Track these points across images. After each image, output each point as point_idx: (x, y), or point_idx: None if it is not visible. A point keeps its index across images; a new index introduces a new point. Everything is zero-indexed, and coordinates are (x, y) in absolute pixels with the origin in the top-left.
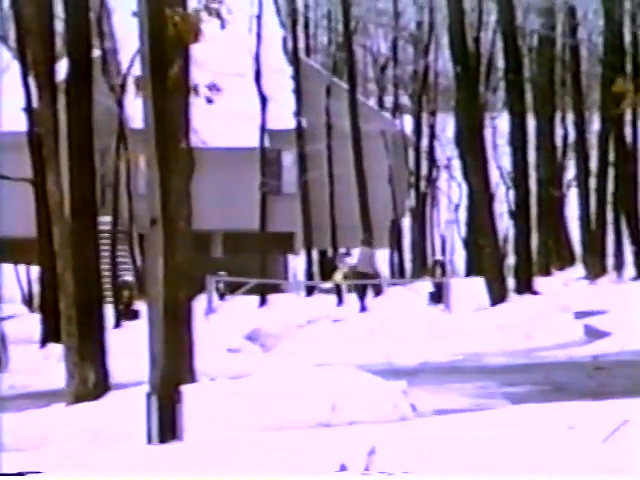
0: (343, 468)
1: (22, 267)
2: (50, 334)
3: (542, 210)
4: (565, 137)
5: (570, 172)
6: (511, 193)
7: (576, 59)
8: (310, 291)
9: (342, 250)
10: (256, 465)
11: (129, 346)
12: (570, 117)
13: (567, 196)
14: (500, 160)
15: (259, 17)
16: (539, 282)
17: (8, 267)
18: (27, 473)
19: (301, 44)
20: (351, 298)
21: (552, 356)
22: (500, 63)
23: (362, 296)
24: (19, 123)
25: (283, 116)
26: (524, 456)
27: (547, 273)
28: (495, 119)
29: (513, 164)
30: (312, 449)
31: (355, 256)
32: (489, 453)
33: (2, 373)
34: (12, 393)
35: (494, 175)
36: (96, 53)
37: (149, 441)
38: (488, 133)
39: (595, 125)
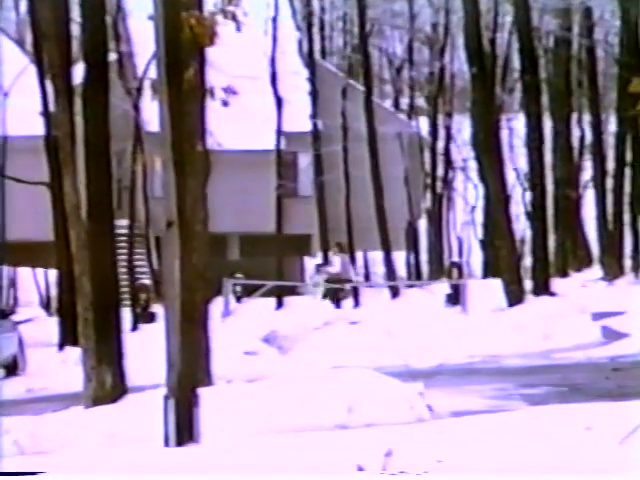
0: (360, 469)
1: (40, 270)
2: (68, 337)
3: (559, 211)
4: (582, 138)
5: (587, 173)
6: (528, 194)
7: (592, 60)
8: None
9: (319, 261)
10: (273, 467)
11: (146, 349)
12: (587, 118)
13: (584, 197)
14: (516, 161)
15: (275, 19)
16: (556, 283)
17: (26, 270)
18: (27, 473)
19: (317, 46)
20: (367, 300)
21: (570, 357)
22: (516, 64)
23: (338, 300)
24: (36, 127)
25: (299, 118)
26: (541, 457)
27: (564, 274)
28: (511, 120)
29: (529, 165)
30: (329, 451)
31: (336, 264)
32: (506, 454)
33: (20, 376)
34: (30, 396)
35: (510, 176)
36: (112, 56)
37: (166, 444)
38: (504, 134)
39: (612, 126)
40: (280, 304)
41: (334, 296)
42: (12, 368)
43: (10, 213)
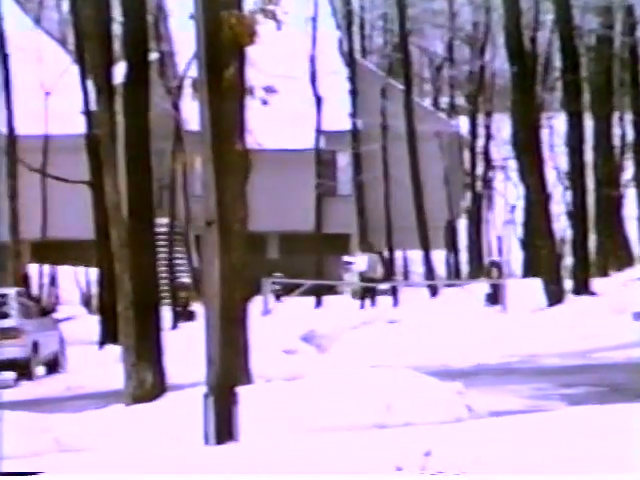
0: (399, 469)
1: (81, 269)
2: (108, 335)
3: (600, 210)
4: (623, 137)
5: (628, 172)
6: (568, 194)
7: (634, 58)
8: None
9: (345, 259)
10: (312, 466)
11: (186, 347)
12: (628, 117)
13: (625, 196)
14: (557, 160)
15: (314, 19)
16: (596, 283)
17: (67, 269)
18: (27, 473)
19: (357, 45)
20: (406, 299)
21: (609, 357)
22: (557, 63)
23: (372, 297)
24: (77, 126)
25: (338, 117)
26: (580, 457)
27: (605, 274)
28: (552, 119)
29: (570, 164)
30: (368, 450)
31: (362, 262)
32: (545, 454)
33: (61, 374)
34: (71, 394)
35: (551, 175)
36: (153, 56)
37: (206, 442)
38: (545, 133)
39: None
40: (319, 303)
41: (363, 294)
42: (53, 366)
43: (51, 212)
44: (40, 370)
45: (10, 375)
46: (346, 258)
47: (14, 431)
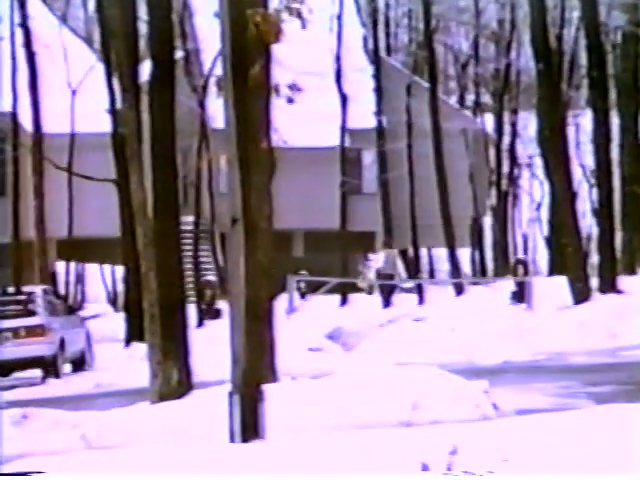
0: (425, 467)
1: (107, 267)
2: (134, 333)
3: (626, 208)
4: None
5: None
6: (594, 191)
7: None
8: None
9: (368, 257)
10: (338, 464)
11: (212, 345)
12: None
13: None
14: (583, 158)
15: (340, 17)
16: (623, 281)
17: (93, 267)
18: (28, 473)
19: (382, 43)
20: (431, 297)
21: (637, 355)
22: (583, 60)
23: (388, 295)
24: (103, 124)
25: (364, 115)
26: (608, 456)
27: (632, 272)
28: (578, 117)
29: (596, 162)
30: (394, 448)
31: (380, 259)
32: (573, 453)
33: (88, 371)
34: (97, 391)
35: (577, 173)
36: (179, 54)
37: (232, 440)
38: (571, 131)
39: None
40: (344, 301)
41: (382, 291)
42: (80, 363)
43: (78, 210)
44: (67, 368)
45: (37, 373)
46: (370, 256)
47: (41, 428)
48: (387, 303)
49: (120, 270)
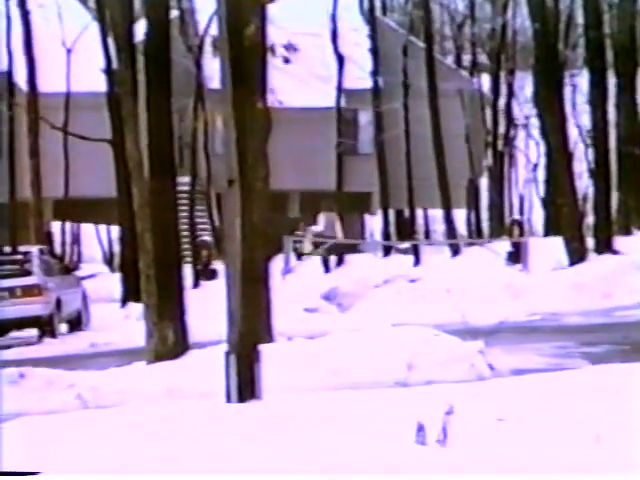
0: (420, 427)
1: (102, 227)
2: (130, 293)
3: (622, 168)
4: None
5: None
6: (590, 152)
7: None
8: (387, 251)
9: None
10: (333, 424)
11: (208, 305)
12: None
13: None
14: (579, 118)
15: None
16: (619, 241)
17: (89, 227)
18: (27, 473)
19: (378, 3)
20: (427, 258)
21: (632, 315)
22: (580, 20)
23: (328, 260)
24: (99, 83)
25: (360, 75)
26: (603, 415)
27: (627, 232)
28: (574, 77)
29: (593, 122)
30: (389, 408)
31: (320, 223)
32: (568, 413)
33: (84, 331)
34: (93, 351)
35: (573, 133)
36: (174, 13)
37: (228, 399)
38: (567, 91)
39: None
40: (340, 261)
41: (323, 255)
42: (76, 323)
43: (73, 170)
44: (63, 327)
45: (33, 332)
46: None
47: (37, 387)
48: (327, 269)
49: (116, 230)
